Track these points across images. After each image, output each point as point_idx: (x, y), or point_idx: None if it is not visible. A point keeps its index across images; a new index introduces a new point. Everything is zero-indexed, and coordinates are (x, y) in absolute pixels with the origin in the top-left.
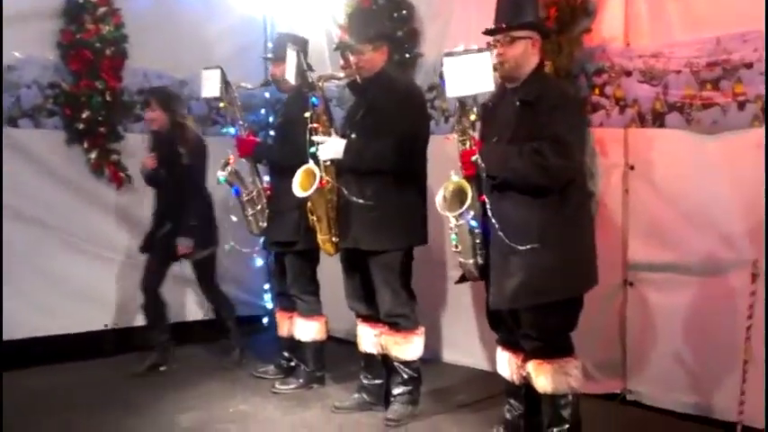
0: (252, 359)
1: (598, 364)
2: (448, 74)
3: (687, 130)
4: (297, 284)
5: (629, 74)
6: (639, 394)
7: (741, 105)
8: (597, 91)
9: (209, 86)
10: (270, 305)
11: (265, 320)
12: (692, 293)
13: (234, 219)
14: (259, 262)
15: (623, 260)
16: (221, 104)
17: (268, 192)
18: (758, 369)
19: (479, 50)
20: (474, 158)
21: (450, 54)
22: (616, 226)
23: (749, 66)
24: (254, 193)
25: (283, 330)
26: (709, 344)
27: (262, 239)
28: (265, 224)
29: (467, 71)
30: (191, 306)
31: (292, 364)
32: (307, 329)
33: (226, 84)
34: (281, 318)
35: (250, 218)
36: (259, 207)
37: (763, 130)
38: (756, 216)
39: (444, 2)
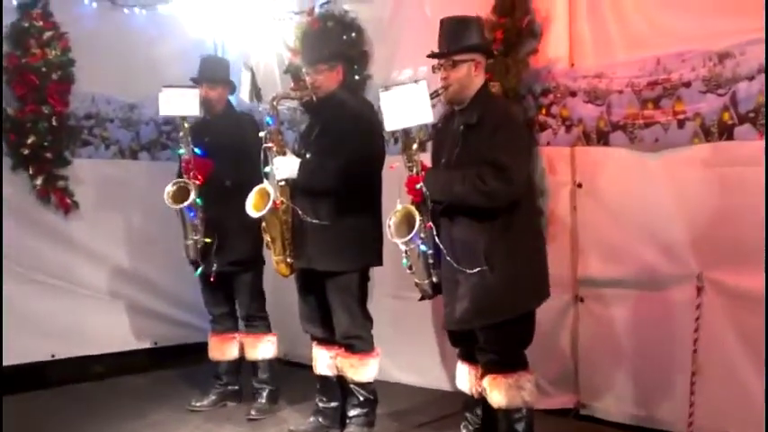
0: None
1: (552, 379)
2: (385, 108)
3: (631, 149)
4: (256, 303)
5: (573, 94)
6: (593, 408)
7: (681, 123)
8: (544, 111)
9: (184, 106)
10: None
11: None
12: (641, 308)
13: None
14: None
15: (573, 277)
16: (186, 125)
17: (204, 215)
18: (706, 379)
19: (415, 81)
20: (418, 186)
21: (386, 89)
22: (565, 243)
23: (688, 84)
24: (200, 216)
25: (226, 354)
26: (659, 357)
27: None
28: (200, 246)
29: (403, 104)
30: (135, 334)
31: (232, 388)
32: (267, 348)
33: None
34: (224, 341)
35: (190, 242)
36: (200, 231)
37: (703, 146)
38: (700, 230)
39: (392, 25)
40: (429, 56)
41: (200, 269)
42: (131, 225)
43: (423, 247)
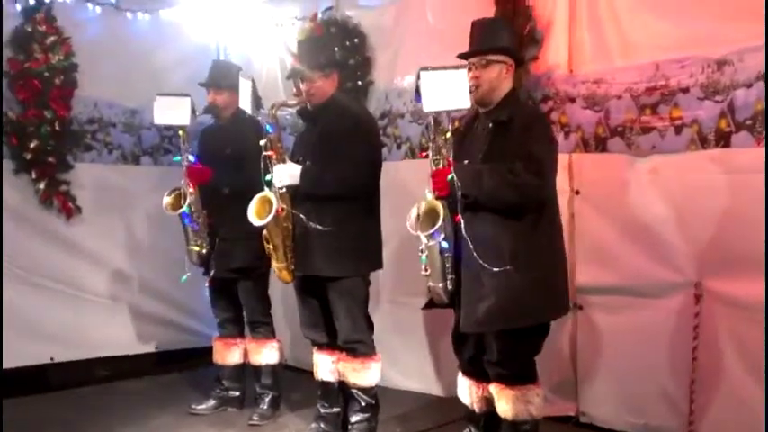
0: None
1: (552, 386)
2: (425, 88)
3: (628, 155)
4: (261, 308)
5: (573, 100)
6: (592, 416)
7: (678, 129)
8: None
9: (176, 114)
10: None
11: None
12: (640, 315)
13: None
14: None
15: (572, 284)
16: (181, 133)
17: (209, 220)
18: (705, 387)
19: (456, 67)
20: (449, 177)
21: (426, 69)
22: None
23: (686, 91)
24: (200, 223)
25: (227, 359)
26: (658, 364)
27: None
28: (205, 252)
29: (444, 86)
30: (137, 338)
31: (234, 394)
32: (270, 353)
33: (192, 112)
34: (226, 346)
35: (194, 247)
36: (202, 236)
37: (700, 153)
38: (698, 238)
39: (395, 32)
40: (461, 55)
41: (186, 276)
42: (133, 229)
43: (444, 244)
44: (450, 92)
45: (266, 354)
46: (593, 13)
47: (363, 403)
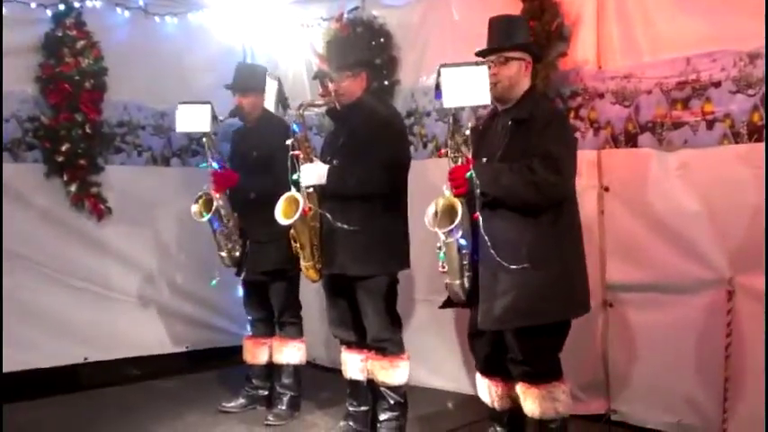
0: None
1: (582, 384)
2: (445, 84)
3: (659, 150)
4: (290, 309)
5: (601, 96)
6: (624, 414)
7: (710, 124)
8: (573, 114)
9: (196, 122)
10: None
11: None
12: (671, 312)
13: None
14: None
15: (602, 281)
16: (204, 139)
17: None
18: (739, 385)
19: (476, 63)
20: (468, 174)
21: (447, 65)
22: (593, 247)
23: (717, 85)
24: (230, 226)
25: (259, 358)
26: (691, 362)
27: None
28: (238, 254)
29: (464, 83)
30: (168, 338)
31: (263, 392)
32: (293, 353)
33: (214, 118)
34: (256, 345)
35: (224, 252)
36: (233, 239)
37: (732, 147)
38: (730, 234)
39: (421, 30)
40: (479, 53)
41: (215, 281)
42: (163, 230)
43: (462, 242)
44: (470, 88)
45: (288, 353)
46: (622, 8)
47: (392, 402)
